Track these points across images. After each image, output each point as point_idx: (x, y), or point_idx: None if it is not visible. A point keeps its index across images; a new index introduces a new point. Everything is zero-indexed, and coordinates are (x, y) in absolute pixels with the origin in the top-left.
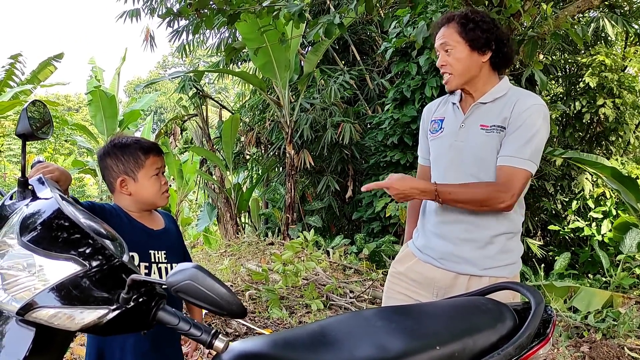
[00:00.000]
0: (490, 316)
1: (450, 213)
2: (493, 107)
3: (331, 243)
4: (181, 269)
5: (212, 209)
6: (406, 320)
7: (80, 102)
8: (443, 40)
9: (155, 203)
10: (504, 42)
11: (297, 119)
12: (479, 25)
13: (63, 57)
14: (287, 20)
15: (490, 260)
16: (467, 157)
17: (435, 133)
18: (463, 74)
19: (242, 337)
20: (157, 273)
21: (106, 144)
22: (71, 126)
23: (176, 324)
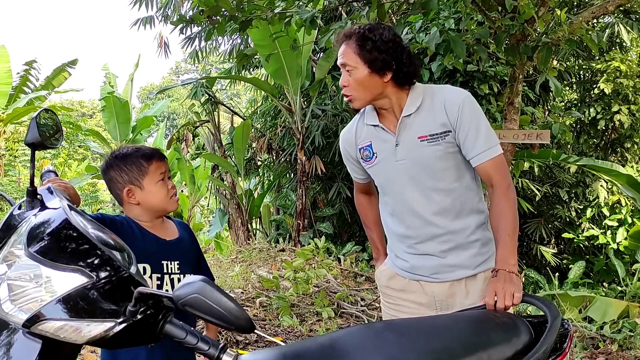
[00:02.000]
0: (505, 330)
1: (420, 231)
2: (421, 116)
3: (342, 250)
4: (188, 282)
5: (224, 215)
6: (418, 334)
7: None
8: (343, 60)
9: (165, 208)
10: (403, 62)
11: (309, 125)
12: (376, 46)
13: (77, 64)
14: (298, 27)
15: (477, 257)
16: (418, 173)
17: (370, 160)
18: (365, 95)
19: (252, 345)
20: (169, 284)
21: (107, 157)
22: (84, 132)
23: (183, 337)
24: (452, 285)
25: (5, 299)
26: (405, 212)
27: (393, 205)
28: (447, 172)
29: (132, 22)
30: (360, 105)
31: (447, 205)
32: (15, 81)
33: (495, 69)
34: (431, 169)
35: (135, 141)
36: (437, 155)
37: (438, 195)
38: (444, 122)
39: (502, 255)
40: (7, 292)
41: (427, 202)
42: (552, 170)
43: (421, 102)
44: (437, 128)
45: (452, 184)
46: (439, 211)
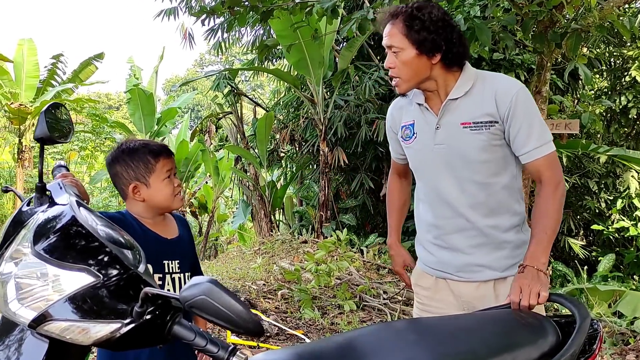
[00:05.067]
0: (531, 331)
1: (449, 222)
2: (468, 101)
3: (365, 241)
4: (195, 282)
5: (247, 206)
6: (441, 335)
7: (120, 100)
8: (389, 42)
9: (170, 206)
10: (453, 42)
11: (331, 116)
12: (425, 26)
13: (104, 57)
14: (319, 17)
15: (508, 260)
16: (455, 161)
17: (409, 140)
18: (412, 78)
19: (272, 338)
20: (170, 284)
21: (114, 150)
22: (110, 124)
23: (192, 339)
24: (479, 287)
25: (12, 298)
26: (437, 199)
27: (425, 190)
28: (486, 165)
29: (155, 13)
30: (406, 89)
31: (481, 200)
32: (43, 75)
33: (522, 56)
34: (469, 158)
35: (160, 133)
36: (478, 145)
37: (473, 187)
38: (491, 112)
39: (534, 251)
40: (14, 291)
41: (461, 192)
42: (581, 160)
43: (470, 87)
44: (482, 116)
45: (490, 178)
46: (472, 204)
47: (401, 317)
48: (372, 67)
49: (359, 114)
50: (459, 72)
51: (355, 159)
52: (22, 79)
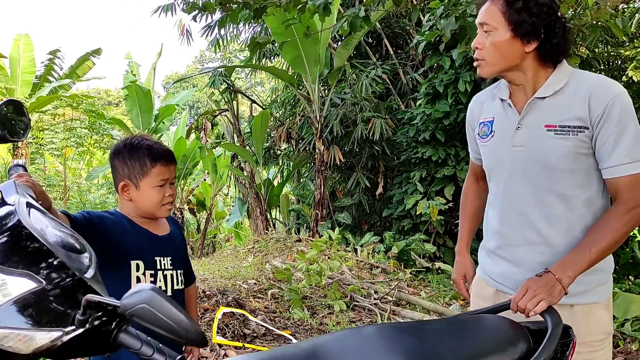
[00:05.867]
0: (501, 338)
1: (516, 233)
2: (556, 102)
3: (361, 240)
4: (137, 290)
5: (243, 204)
6: (409, 340)
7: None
8: (483, 18)
9: (154, 213)
10: (555, 31)
11: (327, 114)
12: (528, 7)
13: (101, 53)
14: (312, 14)
15: (579, 286)
16: (532, 167)
17: (486, 138)
18: (498, 63)
19: (259, 338)
20: (162, 281)
21: (121, 142)
22: (107, 120)
23: (138, 348)
24: None
25: None
26: (507, 206)
27: (496, 195)
28: (569, 176)
29: (153, 9)
30: (488, 73)
31: (560, 213)
32: (40, 70)
33: None
34: (550, 166)
35: (157, 130)
36: (563, 151)
37: (550, 198)
38: (582, 116)
39: (567, 261)
40: None
41: (537, 203)
42: None
43: (563, 87)
44: (571, 120)
45: (571, 190)
46: (549, 217)
47: (391, 317)
48: (370, 65)
49: (355, 112)
50: (553, 70)
51: (352, 158)
52: (17, 74)
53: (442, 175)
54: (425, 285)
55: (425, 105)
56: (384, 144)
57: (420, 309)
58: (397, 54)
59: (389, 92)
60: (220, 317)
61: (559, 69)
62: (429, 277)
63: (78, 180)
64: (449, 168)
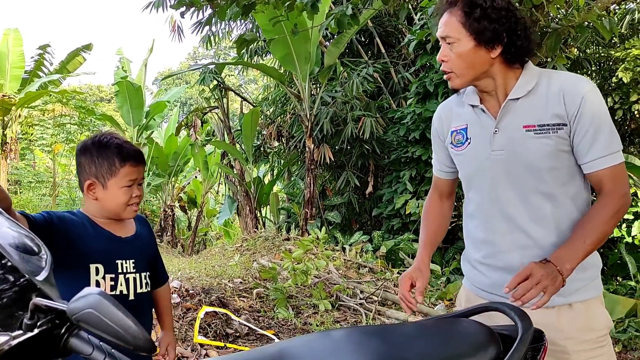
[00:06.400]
0: (471, 341)
1: (505, 238)
2: (531, 102)
3: (350, 239)
4: (84, 294)
5: (233, 202)
6: (378, 344)
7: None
8: (444, 32)
9: (120, 215)
10: (518, 33)
11: (318, 113)
12: (486, 14)
13: (92, 49)
14: (299, 11)
15: (573, 283)
16: (515, 169)
17: (461, 146)
18: (467, 72)
19: (242, 338)
20: (124, 284)
21: (88, 139)
22: (98, 116)
23: (89, 353)
24: (540, 313)
25: None
26: (493, 213)
27: (479, 203)
28: (553, 174)
29: (144, 5)
30: (460, 85)
31: (547, 213)
32: (29, 65)
33: None
34: (533, 166)
35: (148, 126)
36: (545, 150)
37: (537, 199)
38: (559, 113)
39: (563, 253)
40: None
41: (524, 205)
42: None
43: (534, 86)
44: (549, 118)
45: (557, 188)
46: (537, 218)
47: (376, 317)
48: (361, 63)
49: (345, 110)
50: (521, 70)
51: (342, 156)
52: (6, 69)
53: (432, 174)
54: None
55: (416, 105)
56: (374, 143)
57: None
58: (389, 53)
59: (380, 91)
60: (202, 316)
61: (526, 70)
62: None
63: (68, 177)
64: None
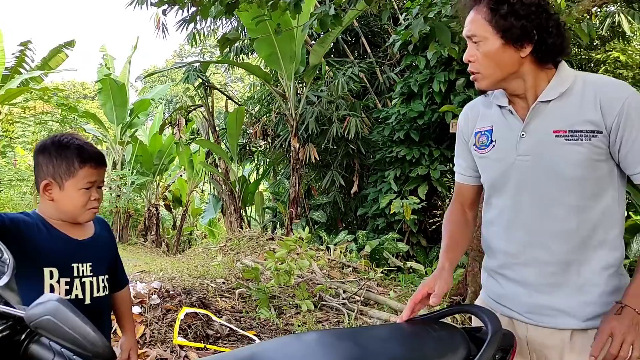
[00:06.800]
0: (441, 344)
1: (524, 250)
2: (563, 105)
3: (335, 239)
4: (42, 301)
5: (218, 201)
6: (349, 347)
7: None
8: (470, 31)
9: (76, 218)
10: (549, 30)
11: (303, 112)
12: (514, 10)
13: (75, 45)
14: (282, 11)
15: (593, 307)
16: (540, 177)
17: (485, 148)
18: (495, 73)
19: (222, 339)
20: (79, 288)
21: (47, 139)
22: (80, 114)
23: (50, 359)
24: (552, 335)
25: None
26: (513, 222)
27: (500, 210)
28: (583, 185)
29: (128, 1)
30: (487, 86)
31: (571, 228)
32: (10, 62)
33: None
34: (561, 175)
35: (132, 124)
36: (575, 158)
37: (561, 211)
38: (594, 120)
39: (638, 290)
40: None
41: (546, 217)
42: None
43: (567, 89)
44: (582, 124)
45: (586, 201)
46: (559, 233)
47: (359, 317)
48: (347, 63)
49: (331, 110)
50: (554, 71)
51: (327, 156)
52: None
53: (416, 174)
54: (395, 284)
55: (401, 105)
56: (359, 143)
57: (387, 309)
58: (375, 53)
59: (365, 91)
60: (182, 317)
61: (560, 70)
62: (400, 277)
63: None
64: (422, 167)
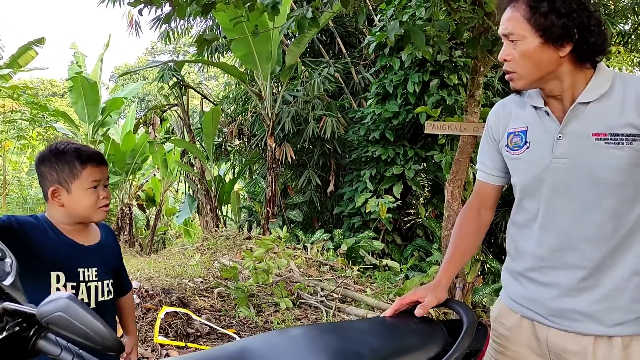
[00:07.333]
0: (420, 336)
1: (556, 254)
2: (603, 107)
3: (311, 238)
4: (53, 298)
5: (193, 200)
6: (333, 339)
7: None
8: (507, 29)
9: (89, 217)
10: (591, 29)
11: (279, 112)
12: (555, 8)
13: (45, 42)
14: (260, 13)
15: (620, 313)
16: (577, 181)
17: (518, 150)
18: (532, 73)
19: (203, 337)
20: (85, 293)
21: (44, 150)
22: (51, 112)
23: (58, 354)
24: (575, 340)
25: None
26: (546, 226)
27: (532, 213)
28: (621, 190)
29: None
30: (523, 86)
31: (607, 233)
32: None
33: (464, 59)
34: (599, 179)
35: (104, 123)
36: (615, 162)
37: (598, 215)
38: (634, 123)
39: None
40: None
41: (581, 220)
42: None
43: (607, 90)
44: (623, 127)
45: (623, 206)
46: (593, 237)
47: (336, 314)
48: (322, 63)
49: (307, 110)
50: (592, 71)
51: (304, 155)
52: None
53: (391, 174)
54: (371, 282)
55: (376, 105)
56: (335, 142)
57: (364, 306)
58: (350, 53)
59: (341, 91)
60: (162, 316)
61: (599, 71)
62: (376, 275)
63: (19, 175)
64: (397, 167)
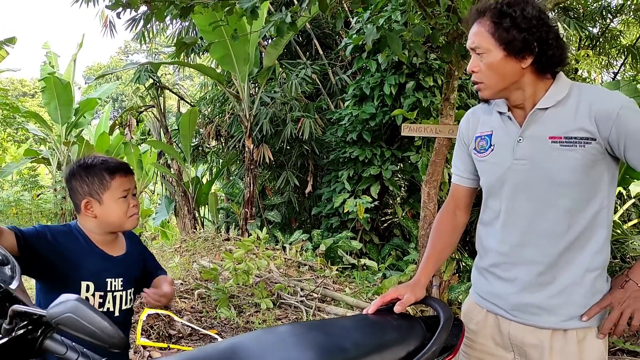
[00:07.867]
0: (400, 331)
1: (515, 250)
2: (559, 113)
3: (290, 238)
4: (62, 300)
5: (170, 202)
6: (318, 336)
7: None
8: (474, 43)
9: (122, 226)
10: (549, 43)
11: (257, 113)
12: (516, 23)
13: (16, 42)
14: (239, 16)
15: (574, 307)
16: (536, 180)
17: (484, 152)
18: (497, 83)
19: (185, 338)
20: (111, 302)
21: (72, 165)
22: (23, 113)
23: (63, 353)
24: (532, 333)
25: None
26: (507, 223)
27: (496, 212)
28: (574, 189)
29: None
30: (489, 95)
31: (562, 229)
32: None
33: (439, 62)
34: (555, 179)
35: (78, 124)
36: (569, 164)
37: (554, 213)
38: (587, 128)
39: None
40: None
41: (538, 218)
42: None
43: (564, 97)
44: (576, 131)
45: (577, 204)
46: (549, 233)
47: (316, 314)
48: (300, 64)
49: (285, 111)
50: (552, 81)
51: (281, 156)
52: None
53: (369, 174)
54: (350, 281)
55: (353, 107)
56: (313, 144)
57: (344, 305)
58: (327, 55)
59: (318, 92)
60: (144, 318)
61: (558, 80)
62: (354, 274)
63: None
64: (374, 167)
